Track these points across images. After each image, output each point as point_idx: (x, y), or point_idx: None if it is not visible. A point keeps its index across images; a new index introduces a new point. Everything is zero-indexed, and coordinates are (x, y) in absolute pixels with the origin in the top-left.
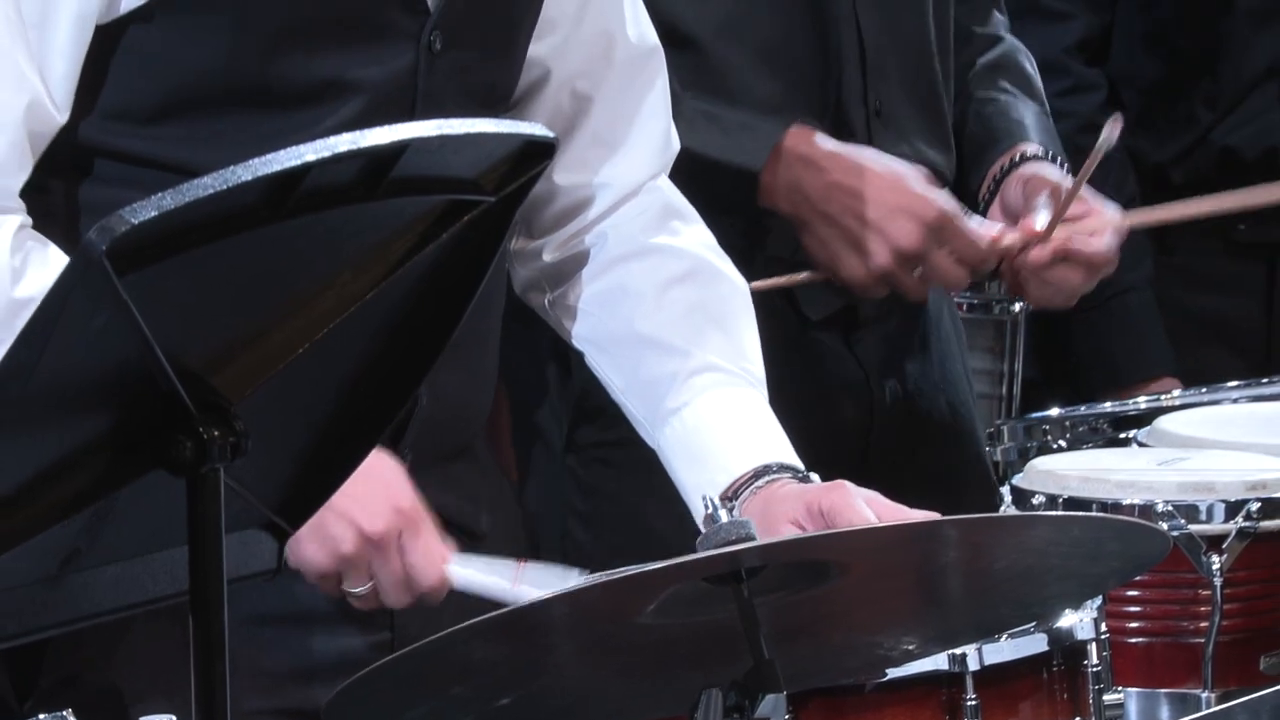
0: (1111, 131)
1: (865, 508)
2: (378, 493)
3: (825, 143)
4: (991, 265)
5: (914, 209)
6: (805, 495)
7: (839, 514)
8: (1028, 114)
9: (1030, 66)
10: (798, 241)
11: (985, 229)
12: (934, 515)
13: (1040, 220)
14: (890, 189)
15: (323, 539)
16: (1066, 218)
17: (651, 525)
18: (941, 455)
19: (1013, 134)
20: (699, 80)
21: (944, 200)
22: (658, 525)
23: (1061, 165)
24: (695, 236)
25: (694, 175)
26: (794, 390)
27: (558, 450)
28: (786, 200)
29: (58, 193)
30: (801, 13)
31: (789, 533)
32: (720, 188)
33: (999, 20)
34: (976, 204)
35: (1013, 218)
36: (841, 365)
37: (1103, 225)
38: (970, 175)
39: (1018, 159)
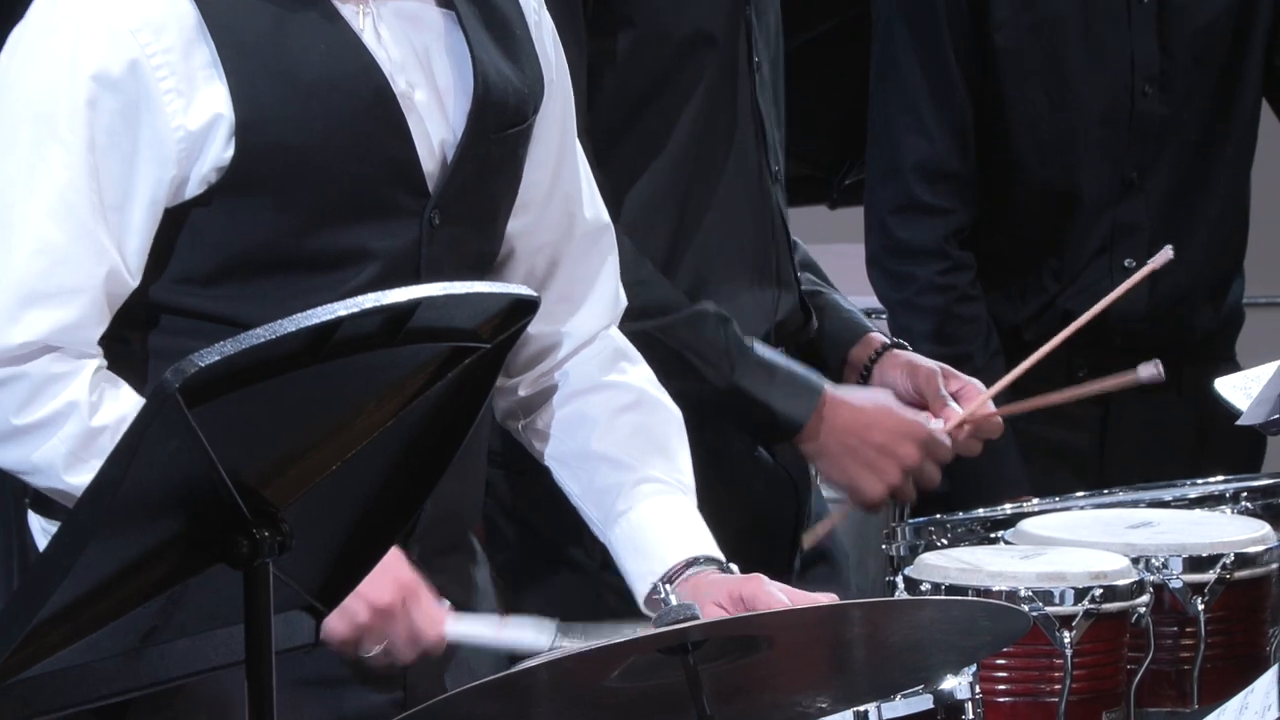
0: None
1: (779, 593)
2: (383, 572)
3: (832, 388)
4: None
5: (911, 433)
6: (728, 584)
7: (758, 599)
8: (850, 305)
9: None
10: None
11: (939, 425)
12: (833, 598)
13: (956, 408)
14: (888, 418)
15: (343, 612)
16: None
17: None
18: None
19: (855, 326)
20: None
21: (925, 419)
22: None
23: (903, 345)
24: (640, 374)
25: (745, 410)
26: (729, 494)
27: (592, 571)
28: (815, 434)
29: (134, 343)
30: (752, 204)
31: (715, 614)
32: (764, 423)
33: None
34: (837, 384)
35: (903, 399)
36: (769, 472)
37: (980, 398)
38: (826, 361)
39: (878, 350)
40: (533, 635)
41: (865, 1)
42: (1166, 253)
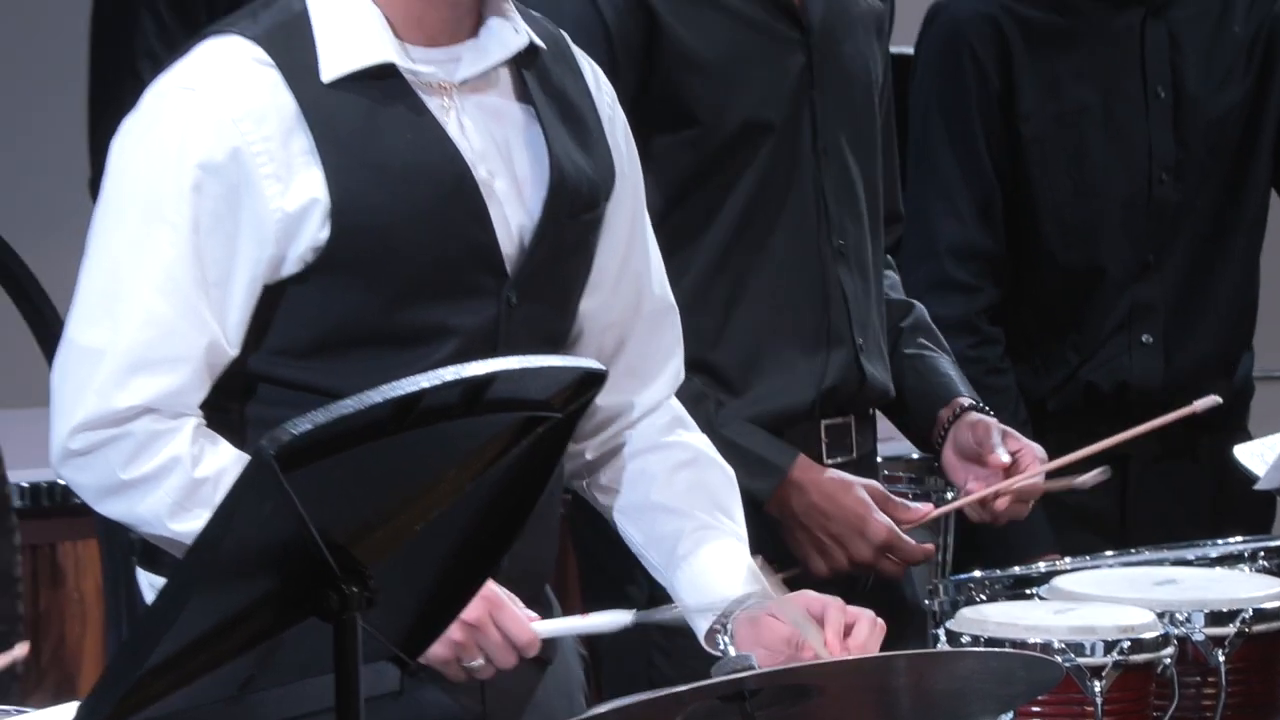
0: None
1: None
2: None
3: (811, 470)
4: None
5: (868, 533)
6: (783, 627)
7: (805, 647)
8: (951, 369)
9: (932, 323)
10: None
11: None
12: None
13: (1003, 455)
14: (853, 514)
15: None
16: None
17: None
18: (889, 600)
19: (948, 389)
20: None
21: (890, 524)
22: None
23: (984, 409)
24: (696, 438)
25: None
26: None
27: (641, 604)
28: (777, 510)
29: (233, 411)
30: (807, 281)
31: (770, 657)
32: None
33: (896, 281)
34: (928, 443)
35: (966, 455)
36: None
37: (1034, 463)
38: (917, 421)
39: (958, 411)
40: (612, 620)
41: (901, 98)
42: (1213, 399)
